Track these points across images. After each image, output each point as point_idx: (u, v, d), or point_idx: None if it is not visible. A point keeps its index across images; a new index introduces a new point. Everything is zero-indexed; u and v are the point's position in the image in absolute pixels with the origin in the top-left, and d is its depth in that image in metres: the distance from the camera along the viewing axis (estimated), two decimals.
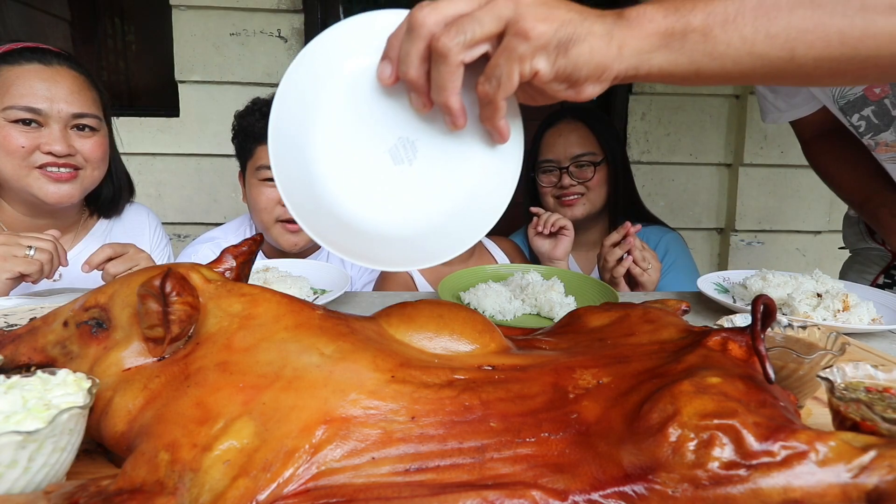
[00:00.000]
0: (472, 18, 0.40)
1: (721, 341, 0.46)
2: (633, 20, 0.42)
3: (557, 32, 0.40)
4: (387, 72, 0.42)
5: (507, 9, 0.40)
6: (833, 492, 0.34)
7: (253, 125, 1.31)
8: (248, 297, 0.48)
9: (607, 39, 0.41)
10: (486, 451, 0.38)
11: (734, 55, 0.42)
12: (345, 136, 0.43)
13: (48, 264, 0.91)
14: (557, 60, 0.41)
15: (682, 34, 0.42)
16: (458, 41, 0.39)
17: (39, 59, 1.09)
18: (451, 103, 0.41)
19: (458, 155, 0.43)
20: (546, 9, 0.40)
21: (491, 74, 0.41)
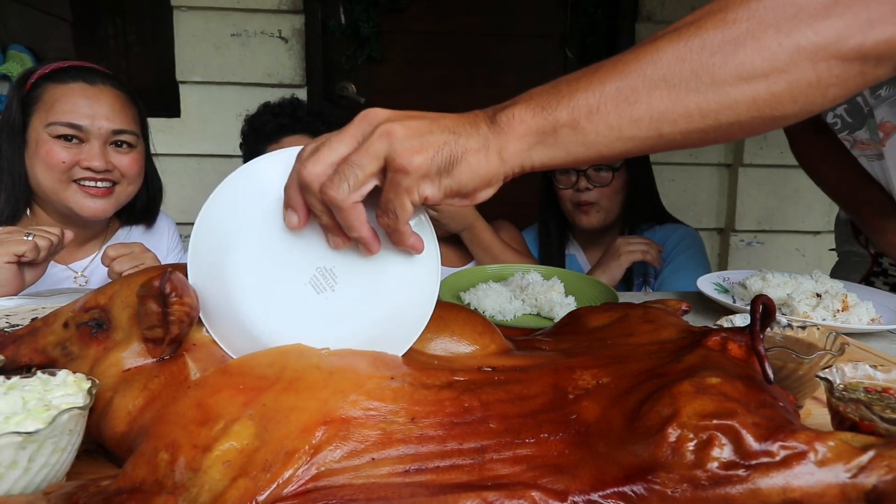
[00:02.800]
0: (351, 164, 0.42)
1: (720, 341, 0.47)
2: (506, 125, 0.44)
3: (434, 160, 0.42)
4: (294, 220, 0.44)
5: (381, 147, 0.41)
6: (832, 492, 0.34)
7: (265, 125, 1.33)
8: None
9: (485, 151, 0.43)
10: (486, 451, 0.38)
11: (605, 142, 0.44)
12: (264, 275, 0.45)
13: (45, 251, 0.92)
14: (442, 183, 0.43)
15: (553, 130, 0.44)
16: (344, 190, 0.41)
17: (84, 78, 1.13)
18: (363, 235, 0.43)
19: (376, 273, 0.46)
20: (418, 139, 0.42)
21: (386, 209, 0.43)
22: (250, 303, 0.45)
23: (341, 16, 2.13)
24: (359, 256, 0.45)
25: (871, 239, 1.10)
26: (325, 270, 0.45)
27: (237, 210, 0.46)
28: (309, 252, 0.46)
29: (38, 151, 1.09)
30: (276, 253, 0.45)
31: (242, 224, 0.46)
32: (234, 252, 0.45)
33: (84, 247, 1.22)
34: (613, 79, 0.44)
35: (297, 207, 0.44)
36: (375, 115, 0.44)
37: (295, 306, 0.45)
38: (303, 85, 2.04)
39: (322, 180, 0.42)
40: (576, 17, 2.19)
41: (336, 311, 0.46)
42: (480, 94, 2.28)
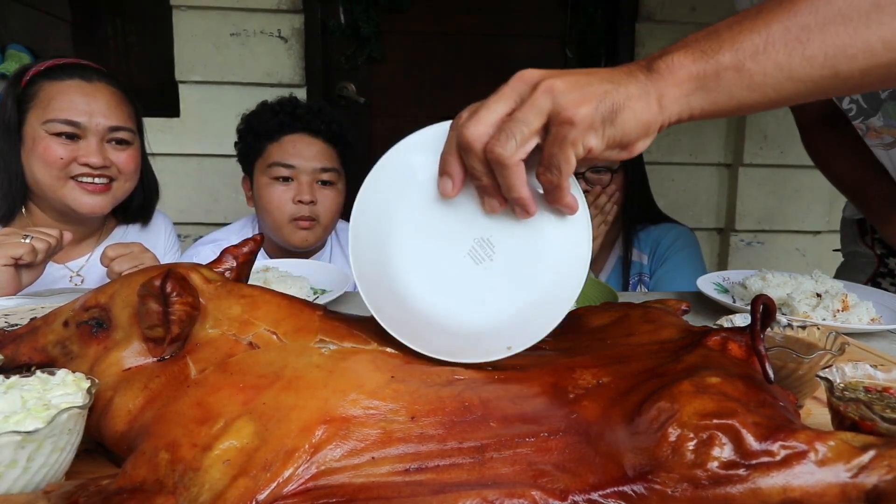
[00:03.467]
0: (517, 121, 0.41)
1: (721, 341, 0.46)
2: (665, 71, 0.43)
3: (599, 109, 0.41)
4: (448, 186, 0.44)
5: (545, 102, 0.41)
6: (832, 491, 0.34)
7: (265, 123, 1.32)
8: (248, 298, 0.48)
9: (646, 98, 0.43)
10: (486, 450, 0.38)
11: (773, 83, 0.42)
12: (423, 252, 0.46)
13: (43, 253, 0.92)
14: (606, 132, 0.42)
15: (715, 74, 0.42)
16: (511, 146, 0.41)
17: (80, 75, 1.13)
18: (522, 196, 0.43)
19: (533, 238, 0.46)
20: (580, 91, 0.41)
21: (549, 164, 0.42)
22: (413, 281, 0.46)
23: (341, 16, 2.13)
24: (514, 223, 0.45)
25: (878, 230, 1.10)
26: (482, 241, 0.45)
27: (391, 194, 0.46)
28: (465, 223, 0.46)
29: (35, 148, 1.09)
30: (432, 228, 0.46)
31: (398, 206, 0.46)
32: (392, 234, 0.46)
33: (80, 245, 1.22)
34: (781, 18, 0.42)
35: (452, 173, 0.44)
36: (530, 74, 0.43)
37: (456, 279, 0.45)
38: (302, 85, 2.04)
39: (485, 139, 0.42)
40: (576, 17, 2.19)
41: (497, 281, 0.45)
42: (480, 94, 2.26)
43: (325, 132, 1.33)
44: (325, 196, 1.33)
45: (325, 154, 1.33)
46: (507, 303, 0.46)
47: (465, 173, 0.44)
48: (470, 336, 0.46)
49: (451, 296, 0.46)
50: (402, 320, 0.46)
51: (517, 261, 0.45)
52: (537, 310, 0.46)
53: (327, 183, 1.34)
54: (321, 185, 1.33)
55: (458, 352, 0.46)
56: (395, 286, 0.46)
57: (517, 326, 0.46)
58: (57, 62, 1.14)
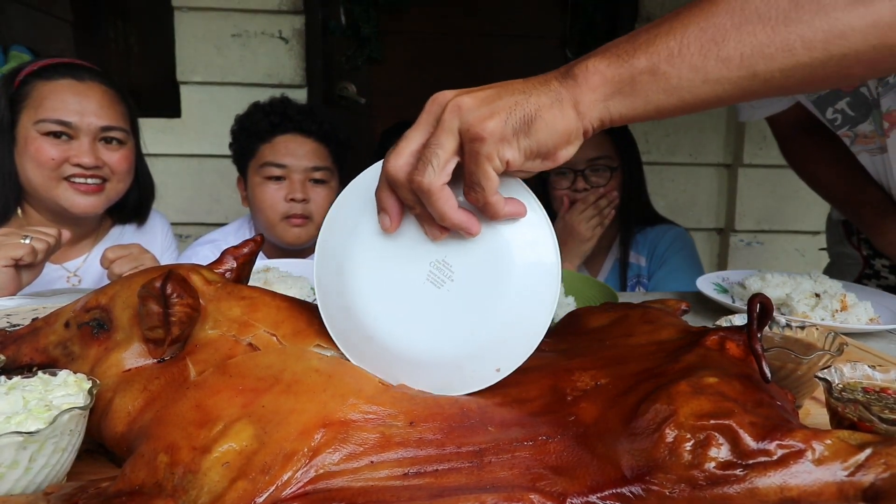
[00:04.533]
0: (431, 146, 0.41)
1: (719, 341, 0.47)
2: (580, 77, 0.43)
3: (508, 121, 0.41)
4: (386, 222, 0.44)
5: (453, 122, 0.41)
6: (829, 490, 0.34)
7: (257, 124, 1.33)
8: (248, 300, 0.48)
9: (559, 106, 0.42)
10: (485, 454, 0.38)
11: (688, 86, 0.42)
12: (384, 285, 0.45)
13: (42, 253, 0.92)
14: (521, 144, 0.42)
15: (630, 78, 0.42)
16: (430, 173, 0.41)
17: (72, 75, 1.12)
18: (455, 221, 0.42)
19: (489, 249, 0.44)
20: (488, 106, 0.41)
21: (471, 182, 0.42)
22: (378, 315, 0.45)
23: (342, 16, 2.13)
24: (464, 241, 0.44)
25: (871, 240, 1.09)
26: (438, 263, 0.44)
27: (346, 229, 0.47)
28: (416, 250, 0.45)
29: (28, 149, 1.09)
30: (387, 263, 0.45)
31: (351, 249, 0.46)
32: (350, 270, 0.46)
33: (76, 246, 1.22)
34: (697, 20, 0.41)
35: (388, 209, 0.44)
36: (443, 96, 0.43)
37: (423, 308, 0.44)
38: (303, 85, 2.04)
39: (407, 170, 0.42)
40: (575, 17, 2.19)
41: (464, 301, 0.44)
42: None
43: (316, 132, 1.34)
44: (318, 194, 1.34)
45: (317, 153, 1.34)
46: (480, 322, 0.44)
47: (401, 206, 0.44)
48: (452, 366, 0.44)
49: (422, 326, 0.44)
50: (387, 366, 0.45)
51: (479, 276, 0.44)
52: (516, 323, 0.44)
53: (320, 182, 1.34)
54: (314, 184, 1.33)
55: (445, 386, 0.44)
56: (367, 333, 0.45)
57: (499, 344, 0.44)
58: (49, 62, 1.14)
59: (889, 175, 1.00)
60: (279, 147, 1.31)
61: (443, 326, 0.44)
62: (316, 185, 1.34)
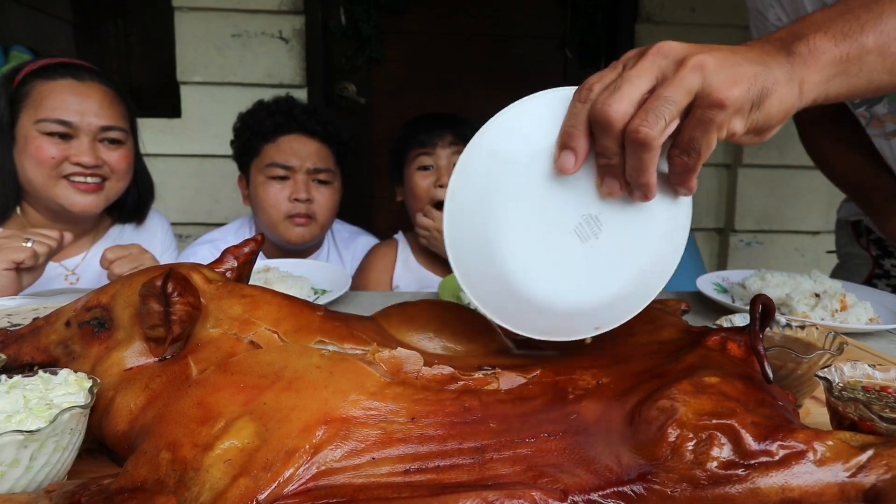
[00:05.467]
0: (665, 100, 0.39)
1: (720, 341, 0.47)
2: (807, 56, 0.41)
3: (750, 92, 0.39)
4: (570, 162, 0.41)
5: (695, 80, 0.38)
6: (831, 491, 0.34)
7: (261, 123, 1.33)
8: (249, 298, 0.48)
9: (790, 84, 0.41)
10: (486, 451, 0.38)
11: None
12: (530, 227, 0.43)
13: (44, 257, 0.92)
14: (751, 117, 0.40)
15: (858, 57, 0.41)
16: (659, 127, 0.38)
17: (73, 75, 1.13)
18: (651, 181, 0.40)
19: (642, 219, 0.44)
20: (731, 70, 0.39)
21: (688, 147, 0.40)
22: (515, 258, 0.43)
23: (342, 16, 2.13)
24: (622, 205, 0.43)
25: (878, 226, 1.09)
26: (590, 218, 0.43)
27: (493, 168, 0.43)
28: (575, 199, 0.43)
29: (28, 148, 1.09)
30: (538, 204, 0.43)
31: (500, 182, 0.43)
32: (494, 212, 0.43)
33: (75, 245, 1.22)
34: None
35: (577, 149, 0.40)
36: (672, 48, 0.40)
37: (560, 256, 0.43)
38: (303, 85, 2.04)
39: (628, 118, 0.39)
40: (575, 17, 2.20)
41: (600, 259, 0.43)
42: (480, 94, 2.29)
43: (320, 132, 1.34)
44: (321, 194, 1.34)
45: (321, 154, 1.34)
46: (607, 282, 0.44)
47: (588, 150, 0.41)
48: (564, 315, 0.44)
49: (554, 274, 0.44)
50: (498, 301, 0.44)
51: (623, 240, 0.43)
52: (632, 290, 0.44)
53: (323, 182, 1.34)
54: (317, 184, 1.34)
55: (550, 330, 0.45)
56: (495, 264, 0.44)
57: (610, 306, 0.45)
58: (49, 61, 1.14)
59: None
60: (284, 147, 1.31)
61: (570, 278, 0.44)
62: (319, 185, 1.34)
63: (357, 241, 1.53)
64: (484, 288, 0.45)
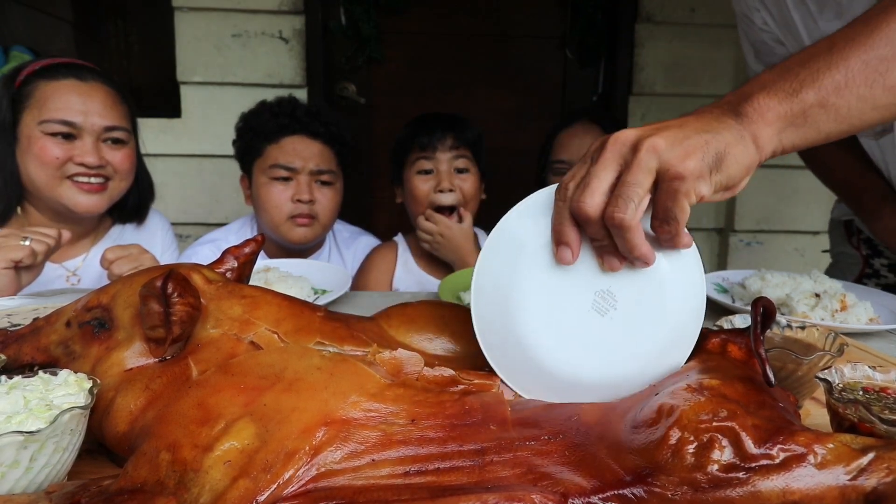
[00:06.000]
0: (631, 185, 0.43)
1: (720, 343, 0.47)
2: (753, 115, 0.45)
3: (704, 159, 0.43)
4: (568, 256, 0.45)
5: (652, 161, 0.43)
6: (832, 494, 0.34)
7: (264, 124, 1.33)
8: (249, 299, 0.48)
9: (743, 143, 0.44)
10: (486, 453, 0.38)
11: (858, 114, 0.46)
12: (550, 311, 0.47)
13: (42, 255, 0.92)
14: (714, 179, 0.44)
15: (802, 113, 0.45)
16: (631, 210, 0.42)
17: (75, 75, 1.13)
18: (644, 252, 0.44)
19: (651, 280, 0.46)
20: (682, 144, 0.43)
21: (665, 217, 0.44)
22: (543, 342, 0.46)
23: (342, 16, 2.13)
24: (630, 271, 0.46)
25: (867, 226, 1.10)
26: (603, 293, 0.46)
27: (506, 265, 0.48)
28: (584, 280, 0.46)
29: (31, 148, 1.09)
30: (553, 290, 0.47)
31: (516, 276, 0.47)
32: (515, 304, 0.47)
33: (76, 245, 1.22)
34: (857, 52, 0.45)
35: (570, 242, 0.45)
36: (626, 136, 0.44)
37: (586, 333, 0.46)
38: (303, 85, 2.04)
39: (602, 208, 0.43)
40: (575, 17, 2.19)
41: (624, 329, 0.46)
42: (480, 94, 2.29)
43: (323, 134, 1.34)
44: (324, 195, 1.34)
45: (324, 155, 1.34)
46: (642, 344, 0.46)
47: (580, 240, 0.45)
48: (612, 386, 0.46)
49: (588, 351, 0.46)
50: (544, 388, 0.47)
51: (641, 303, 0.46)
52: (669, 343, 0.46)
53: (326, 183, 1.34)
54: (319, 185, 1.34)
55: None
56: (528, 357, 0.47)
57: (656, 363, 0.46)
58: (51, 61, 1.14)
59: (885, 159, 1.01)
60: (287, 148, 1.31)
61: (606, 351, 0.46)
62: (322, 186, 1.34)
63: (358, 241, 1.53)
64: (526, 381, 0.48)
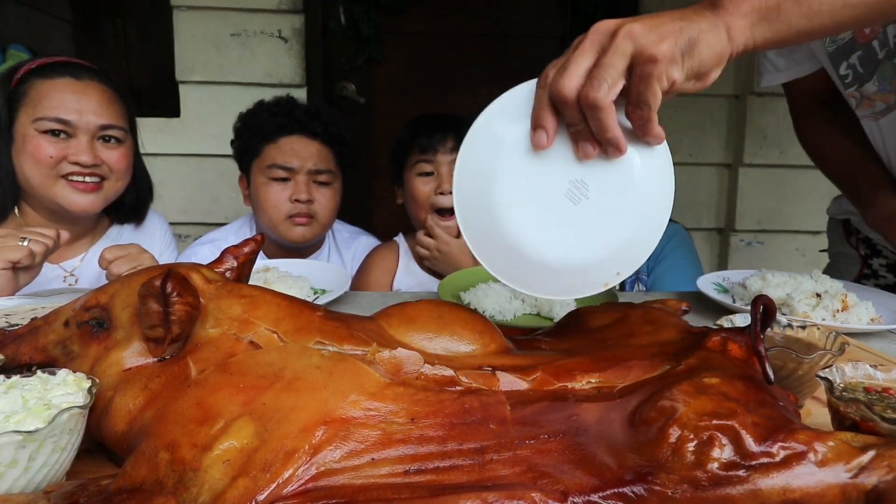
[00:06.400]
0: (605, 67, 0.45)
1: (720, 342, 0.47)
2: (729, 6, 0.47)
3: (678, 43, 0.45)
4: (543, 139, 0.48)
5: (627, 46, 0.45)
6: (832, 492, 0.34)
7: (262, 124, 1.32)
8: (248, 298, 0.48)
9: (716, 31, 0.47)
10: (486, 452, 0.38)
11: (829, 10, 0.47)
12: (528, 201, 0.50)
13: (41, 256, 0.91)
14: (686, 64, 0.46)
15: (776, 5, 0.47)
16: (604, 89, 0.44)
17: (71, 73, 1.12)
18: (616, 135, 0.46)
19: (622, 172, 0.49)
20: (657, 30, 0.45)
21: (638, 101, 0.46)
22: (521, 231, 0.49)
23: (341, 16, 2.13)
24: (604, 162, 0.49)
25: (862, 214, 1.09)
26: (577, 182, 0.49)
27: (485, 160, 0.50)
28: (559, 169, 0.49)
29: (26, 147, 1.09)
30: (530, 180, 0.49)
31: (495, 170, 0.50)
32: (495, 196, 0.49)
33: (73, 245, 1.21)
34: None
35: (546, 126, 0.47)
36: (606, 24, 0.46)
37: (561, 221, 0.49)
38: (303, 85, 2.04)
39: (578, 89, 0.45)
40: (575, 17, 2.19)
41: (597, 216, 0.49)
42: (480, 94, 2.28)
43: (322, 134, 1.33)
44: (322, 195, 1.33)
45: (322, 155, 1.33)
46: (609, 233, 0.49)
47: (557, 125, 0.48)
48: (580, 271, 0.49)
49: (559, 237, 0.49)
50: (516, 272, 0.50)
51: (611, 194, 0.49)
52: (636, 234, 0.50)
53: (324, 183, 1.34)
54: (318, 185, 1.33)
55: (570, 289, 0.50)
56: (506, 241, 0.50)
57: (622, 252, 0.50)
58: (47, 60, 1.14)
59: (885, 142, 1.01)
60: (285, 149, 1.30)
61: (576, 237, 0.49)
62: (320, 186, 1.34)
63: (358, 241, 1.53)
64: (501, 264, 0.50)
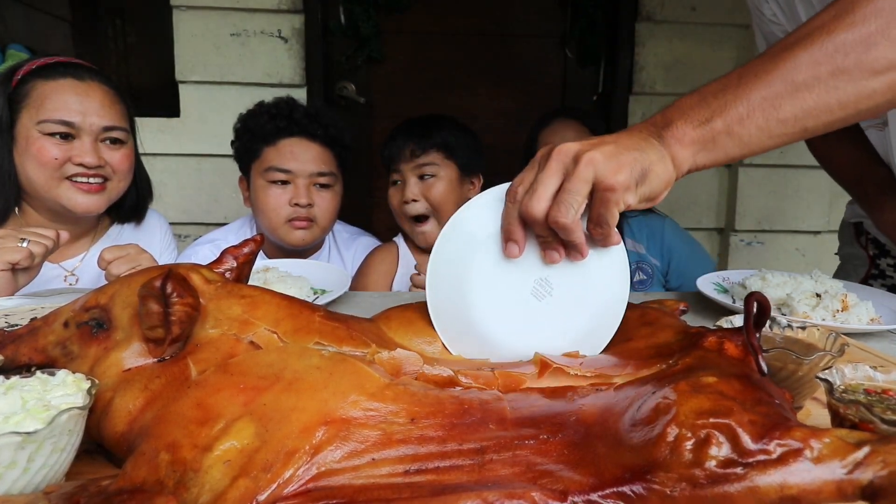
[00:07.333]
0: (571, 192, 0.50)
1: (717, 341, 0.47)
2: (672, 140, 0.54)
3: (632, 174, 0.51)
4: (515, 250, 0.53)
5: (589, 172, 0.50)
6: (829, 488, 0.34)
7: (262, 126, 1.31)
8: (248, 299, 0.48)
9: (663, 162, 0.53)
10: (486, 452, 0.38)
11: (756, 142, 0.54)
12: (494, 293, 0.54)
13: (40, 257, 0.91)
14: (639, 191, 0.52)
15: (712, 138, 0.53)
16: (571, 214, 0.50)
17: (73, 74, 1.12)
18: (581, 242, 0.52)
19: (583, 274, 0.54)
20: (616, 160, 0.50)
21: (599, 221, 0.52)
22: (488, 317, 0.54)
23: (341, 16, 2.13)
24: (566, 264, 0.54)
25: (871, 218, 1.10)
26: (541, 281, 0.54)
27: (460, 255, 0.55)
28: (526, 269, 0.54)
29: (29, 149, 1.09)
30: (500, 277, 0.54)
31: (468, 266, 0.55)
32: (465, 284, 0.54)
33: (74, 245, 1.21)
34: (758, 88, 0.53)
35: (518, 239, 0.53)
36: (569, 148, 0.52)
37: (525, 314, 0.54)
38: (302, 85, 2.04)
39: (546, 211, 0.51)
40: (576, 17, 2.19)
41: (558, 312, 0.54)
42: (480, 94, 2.29)
43: (322, 136, 1.32)
44: (322, 198, 1.33)
45: (322, 158, 1.33)
46: (570, 324, 0.54)
47: (526, 238, 0.53)
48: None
49: (524, 330, 0.54)
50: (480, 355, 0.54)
51: (573, 291, 0.54)
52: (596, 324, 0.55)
53: (324, 186, 1.33)
54: (318, 188, 1.33)
55: None
56: (472, 326, 0.54)
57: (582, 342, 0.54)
58: (49, 61, 1.13)
59: (889, 150, 1.01)
60: (284, 151, 1.30)
61: (540, 330, 0.54)
62: (320, 189, 1.33)
63: (358, 242, 1.53)
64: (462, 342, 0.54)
